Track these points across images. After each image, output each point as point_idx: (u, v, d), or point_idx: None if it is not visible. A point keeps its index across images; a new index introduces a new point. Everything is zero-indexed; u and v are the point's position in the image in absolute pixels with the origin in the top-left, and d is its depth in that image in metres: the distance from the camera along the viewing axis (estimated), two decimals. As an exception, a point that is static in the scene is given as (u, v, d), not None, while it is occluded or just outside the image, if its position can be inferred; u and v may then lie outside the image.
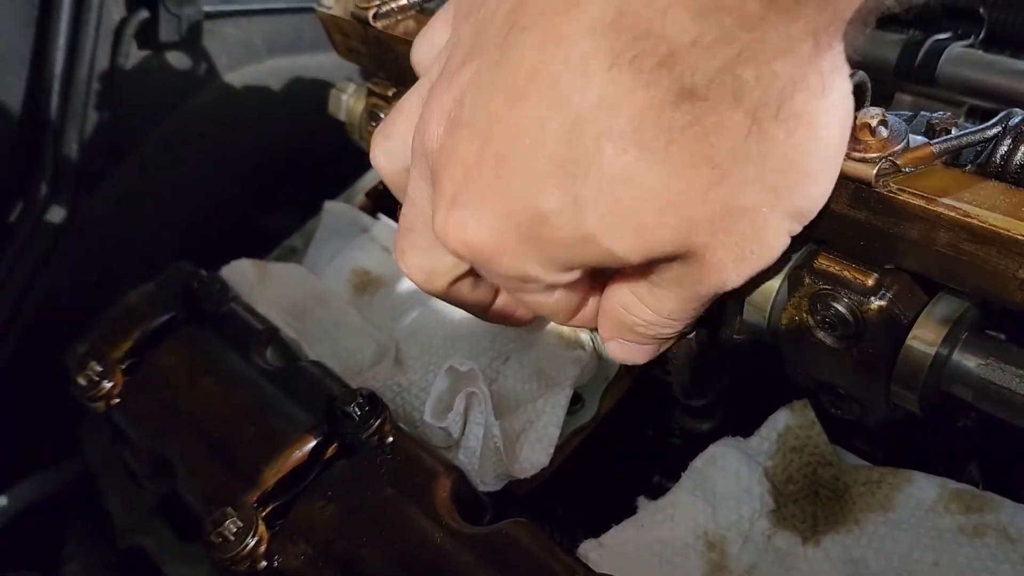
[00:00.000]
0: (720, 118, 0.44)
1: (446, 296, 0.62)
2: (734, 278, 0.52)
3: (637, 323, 0.58)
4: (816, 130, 0.47)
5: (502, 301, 0.65)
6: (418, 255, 0.60)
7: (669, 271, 0.53)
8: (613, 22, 0.42)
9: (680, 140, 0.45)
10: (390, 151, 0.61)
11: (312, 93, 1.35)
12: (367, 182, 1.17)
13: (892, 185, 0.54)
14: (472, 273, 0.61)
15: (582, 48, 0.44)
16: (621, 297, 0.58)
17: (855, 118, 0.52)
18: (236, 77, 1.33)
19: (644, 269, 0.54)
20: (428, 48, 0.61)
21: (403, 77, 0.90)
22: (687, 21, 0.41)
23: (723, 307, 0.66)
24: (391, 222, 1.02)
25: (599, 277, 0.57)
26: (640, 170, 0.46)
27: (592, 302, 0.60)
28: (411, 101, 0.59)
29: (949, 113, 0.60)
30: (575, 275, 0.53)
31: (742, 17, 0.40)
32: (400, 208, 0.60)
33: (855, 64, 0.48)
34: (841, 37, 0.45)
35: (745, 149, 0.46)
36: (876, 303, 0.58)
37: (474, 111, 0.48)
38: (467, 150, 0.49)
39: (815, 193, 0.51)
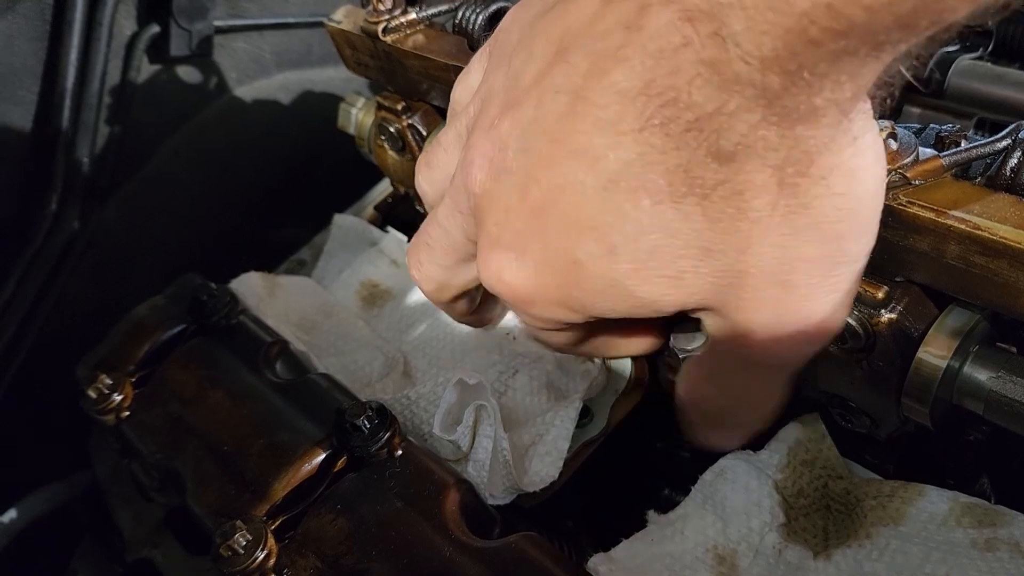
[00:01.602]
0: (749, 177, 0.45)
1: (450, 307, 0.67)
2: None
3: None
4: (853, 181, 0.47)
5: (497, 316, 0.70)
6: (434, 269, 0.63)
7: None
8: (641, 90, 0.44)
9: (714, 195, 0.46)
10: (433, 180, 0.64)
11: (322, 107, 1.35)
12: (376, 195, 1.18)
13: (902, 198, 0.54)
14: (475, 289, 0.64)
15: (613, 112, 0.45)
16: None
17: None
18: (246, 91, 1.34)
19: None
20: (465, 88, 0.64)
21: (412, 91, 0.91)
22: (711, 91, 0.42)
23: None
24: (400, 235, 1.02)
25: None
26: (677, 219, 0.47)
27: (593, 340, 0.62)
28: (449, 137, 0.62)
29: (958, 125, 0.60)
30: (596, 319, 0.54)
31: (763, 89, 0.41)
32: (421, 220, 0.63)
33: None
34: (866, 100, 0.45)
35: (784, 204, 0.47)
36: (886, 316, 0.58)
37: (516, 162, 0.51)
38: (510, 197, 0.52)
39: (868, 235, 0.51)
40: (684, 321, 0.64)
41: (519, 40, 0.53)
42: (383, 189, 1.17)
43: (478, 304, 0.68)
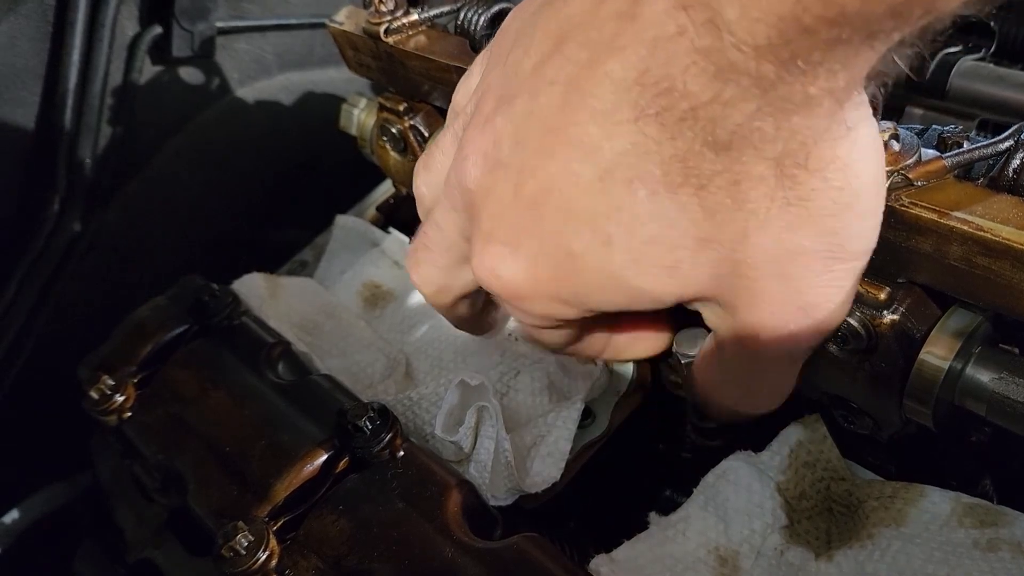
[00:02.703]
0: (746, 167, 0.45)
1: (452, 311, 0.67)
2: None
3: None
4: (851, 174, 0.47)
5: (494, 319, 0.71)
6: (432, 271, 0.63)
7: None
8: (636, 79, 0.44)
9: (711, 186, 0.46)
10: (431, 183, 0.65)
11: (323, 107, 1.35)
12: (378, 196, 1.18)
13: (904, 199, 0.54)
14: (476, 292, 0.64)
15: (608, 102, 0.45)
16: None
17: None
18: (248, 92, 1.34)
19: None
20: (465, 91, 0.64)
21: (414, 92, 0.91)
22: (706, 80, 0.42)
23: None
24: (402, 236, 1.02)
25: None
26: (673, 209, 0.47)
27: (588, 338, 0.63)
28: (447, 138, 0.62)
29: (960, 127, 0.60)
30: (592, 314, 0.54)
31: (758, 78, 0.41)
32: (420, 224, 0.64)
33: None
34: (861, 90, 0.45)
35: (782, 196, 0.46)
36: (889, 317, 0.58)
37: (511, 156, 0.50)
38: (504, 191, 0.51)
39: (868, 232, 0.51)
40: (687, 326, 0.64)
41: (516, 36, 0.53)
42: (385, 190, 1.17)
43: (480, 308, 0.68)
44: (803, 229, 0.48)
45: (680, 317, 0.62)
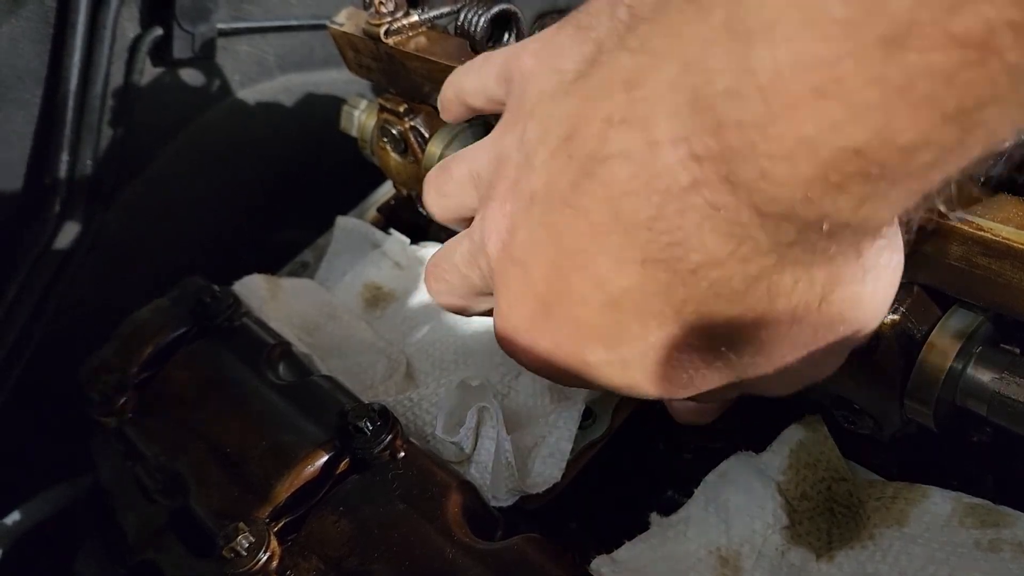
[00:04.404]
0: (759, 315, 0.44)
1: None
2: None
3: None
4: (862, 310, 0.47)
5: None
6: (453, 300, 0.63)
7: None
8: (647, 225, 0.41)
9: (722, 326, 0.45)
10: (445, 207, 0.64)
11: (324, 109, 1.35)
12: (379, 197, 1.18)
13: (904, 199, 0.54)
14: None
15: (616, 239, 0.43)
16: None
17: None
18: (249, 93, 1.34)
19: None
20: (476, 82, 0.63)
21: (414, 93, 0.91)
22: (719, 237, 0.40)
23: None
24: (403, 237, 1.02)
25: None
26: (688, 338, 0.46)
27: None
28: (461, 169, 0.60)
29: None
30: None
31: (777, 240, 0.39)
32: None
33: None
34: (884, 234, 0.44)
35: (791, 332, 0.46)
36: (889, 317, 0.58)
37: (523, 255, 0.49)
38: (519, 288, 0.50)
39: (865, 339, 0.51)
40: None
41: (535, 108, 0.51)
42: (386, 191, 1.17)
43: None
44: (808, 346, 0.48)
45: None
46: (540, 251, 0.48)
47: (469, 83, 0.66)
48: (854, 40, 0.31)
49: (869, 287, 0.46)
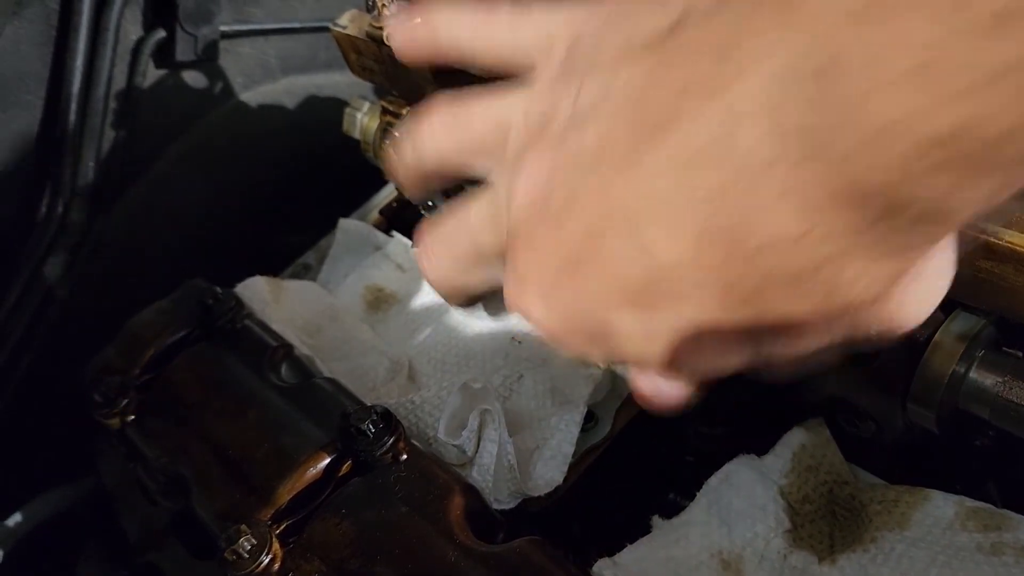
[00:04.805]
0: (810, 309, 0.41)
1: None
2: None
3: None
4: (904, 314, 0.45)
5: None
6: (452, 270, 0.59)
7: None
8: (709, 199, 0.39)
9: (766, 315, 0.42)
10: (461, 139, 0.58)
11: (326, 111, 1.35)
12: (381, 200, 1.18)
13: (907, 202, 0.54)
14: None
15: (672, 211, 0.41)
16: None
17: None
18: (251, 96, 1.34)
19: None
20: (534, 31, 0.56)
21: (416, 95, 0.91)
22: (793, 219, 0.37)
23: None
24: (405, 239, 1.02)
25: None
26: (722, 321, 0.43)
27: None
28: (488, 112, 0.56)
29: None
30: None
31: (852, 226, 0.37)
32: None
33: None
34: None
35: (830, 328, 0.43)
36: (891, 320, 0.58)
37: (559, 212, 0.46)
38: (546, 244, 0.48)
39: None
40: None
41: (595, 67, 0.47)
42: (388, 193, 1.17)
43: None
44: (832, 341, 0.45)
45: None
46: (580, 208, 0.45)
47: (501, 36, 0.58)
48: (963, 17, 0.29)
49: (923, 290, 0.45)
